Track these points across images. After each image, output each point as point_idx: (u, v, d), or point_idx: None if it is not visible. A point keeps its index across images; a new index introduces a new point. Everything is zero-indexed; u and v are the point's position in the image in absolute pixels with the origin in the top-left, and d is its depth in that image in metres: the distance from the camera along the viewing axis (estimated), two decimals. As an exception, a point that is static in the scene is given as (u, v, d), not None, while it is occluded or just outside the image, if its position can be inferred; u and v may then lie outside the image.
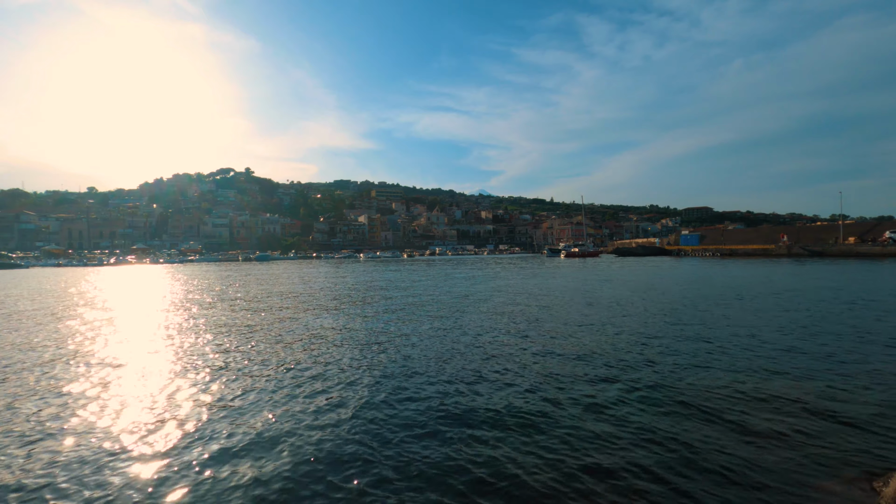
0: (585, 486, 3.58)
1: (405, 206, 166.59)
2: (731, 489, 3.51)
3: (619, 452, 4.11)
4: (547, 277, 26.79)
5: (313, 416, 5.10)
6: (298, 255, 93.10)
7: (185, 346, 8.88)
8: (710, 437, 4.40)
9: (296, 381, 6.43)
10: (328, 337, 9.58)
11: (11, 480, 3.81)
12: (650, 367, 6.80)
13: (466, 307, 13.86)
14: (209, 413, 5.23)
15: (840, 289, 16.91)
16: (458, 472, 3.83)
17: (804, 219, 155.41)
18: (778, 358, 7.20)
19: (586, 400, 5.43)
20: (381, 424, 4.83)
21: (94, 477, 3.84)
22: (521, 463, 3.96)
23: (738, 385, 5.89)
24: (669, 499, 3.40)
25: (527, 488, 3.58)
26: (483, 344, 8.57)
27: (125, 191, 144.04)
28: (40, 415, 5.28)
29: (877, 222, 56.57)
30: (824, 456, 4.00)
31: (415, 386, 6.11)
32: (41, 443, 4.52)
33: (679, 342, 8.41)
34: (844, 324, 9.97)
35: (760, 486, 3.55)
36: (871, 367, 6.62)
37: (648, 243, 78.40)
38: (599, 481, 3.65)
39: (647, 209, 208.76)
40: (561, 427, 4.67)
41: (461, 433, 4.57)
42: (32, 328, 11.22)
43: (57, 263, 63.68)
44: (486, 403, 5.37)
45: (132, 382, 6.48)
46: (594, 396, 5.54)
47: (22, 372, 7.14)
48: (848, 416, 4.84)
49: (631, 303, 14.09)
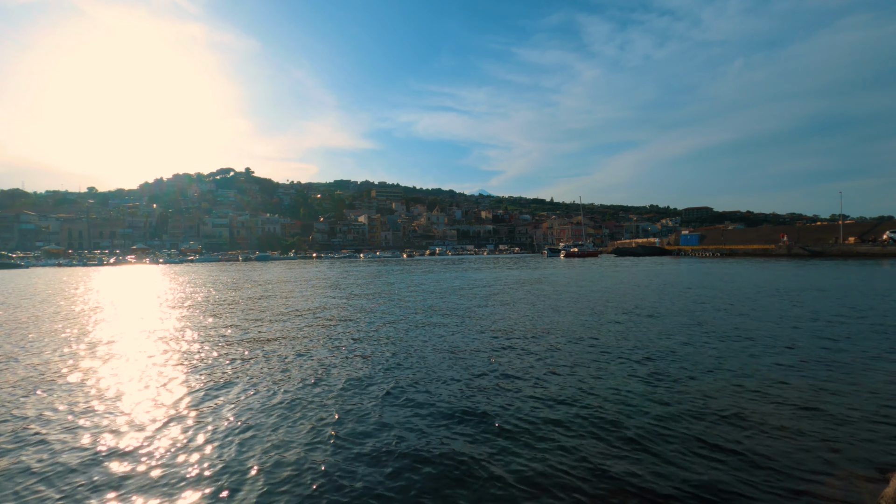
0: (574, 483, 3.59)
1: (405, 206, 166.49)
2: (731, 489, 3.52)
3: (614, 450, 4.11)
4: (548, 276, 26.78)
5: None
6: (298, 255, 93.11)
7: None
8: (709, 436, 4.40)
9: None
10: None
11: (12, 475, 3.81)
12: (649, 364, 6.79)
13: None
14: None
15: (840, 289, 16.90)
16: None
17: (804, 219, 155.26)
18: (777, 357, 7.19)
19: (587, 391, 5.43)
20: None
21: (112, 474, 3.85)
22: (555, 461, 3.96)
23: (736, 384, 5.88)
24: (669, 498, 3.41)
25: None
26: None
27: (125, 191, 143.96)
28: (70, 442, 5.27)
29: (877, 222, 56.54)
30: (824, 455, 4.00)
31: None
32: (55, 445, 4.52)
33: (675, 340, 8.41)
34: (844, 324, 9.96)
35: (760, 485, 3.55)
36: (871, 366, 6.62)
37: (648, 243, 78.35)
38: (596, 479, 3.65)
39: (647, 209, 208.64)
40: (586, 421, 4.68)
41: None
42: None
43: (57, 263, 63.66)
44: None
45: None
46: (595, 391, 5.54)
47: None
48: (848, 415, 4.84)
49: (632, 301, 14.09)
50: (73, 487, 3.69)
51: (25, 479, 3.81)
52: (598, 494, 3.48)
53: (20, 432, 4.77)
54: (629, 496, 3.45)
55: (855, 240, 50.30)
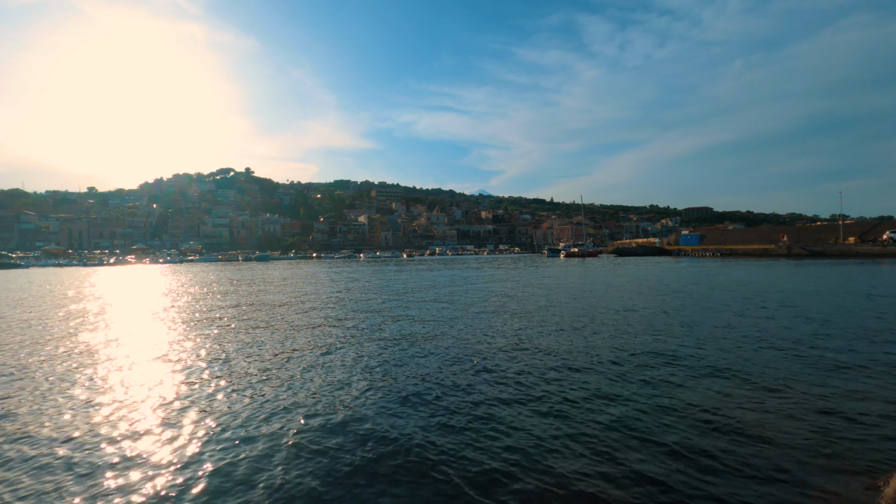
0: (581, 489, 3.58)
1: (405, 206, 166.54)
2: (731, 488, 3.51)
3: (615, 452, 4.10)
4: (549, 276, 26.78)
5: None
6: (298, 256, 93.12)
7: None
8: (708, 435, 4.39)
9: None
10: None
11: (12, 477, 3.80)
12: (649, 364, 6.79)
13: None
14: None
15: (840, 289, 16.90)
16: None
17: (804, 219, 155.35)
18: (777, 357, 7.18)
19: (590, 391, 5.42)
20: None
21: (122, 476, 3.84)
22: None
23: (736, 384, 5.87)
24: (668, 497, 3.40)
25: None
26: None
27: (125, 191, 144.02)
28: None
29: (877, 222, 56.55)
30: (824, 455, 3.99)
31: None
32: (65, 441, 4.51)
33: (672, 339, 8.40)
34: (844, 323, 9.95)
35: (760, 485, 3.54)
36: (871, 366, 6.61)
37: (648, 243, 78.35)
38: (595, 482, 3.65)
39: (647, 209, 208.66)
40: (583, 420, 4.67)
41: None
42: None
43: (56, 263, 63.66)
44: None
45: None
46: (600, 392, 5.53)
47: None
48: (848, 415, 4.83)
49: (631, 301, 14.08)
50: (72, 488, 3.69)
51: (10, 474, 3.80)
52: (585, 495, 3.48)
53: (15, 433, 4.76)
54: (623, 494, 3.45)
55: (855, 240, 50.32)
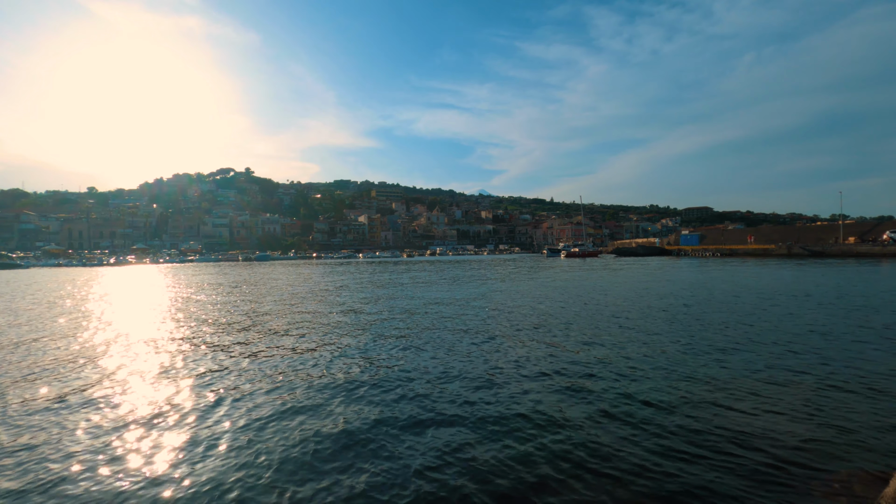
0: (578, 481, 3.57)
1: (405, 206, 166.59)
2: (731, 488, 3.50)
3: (614, 446, 4.10)
4: (550, 275, 26.77)
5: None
6: (298, 256, 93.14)
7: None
8: (708, 435, 4.38)
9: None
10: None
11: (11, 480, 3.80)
12: (648, 364, 6.78)
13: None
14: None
15: (841, 289, 16.89)
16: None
17: (804, 219, 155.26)
18: (776, 356, 7.17)
19: (582, 389, 5.41)
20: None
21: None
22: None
23: (735, 384, 5.86)
24: (667, 497, 3.40)
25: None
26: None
27: (125, 191, 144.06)
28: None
29: (877, 222, 56.50)
30: (824, 455, 3.98)
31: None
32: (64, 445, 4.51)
33: (669, 339, 8.39)
34: (843, 323, 9.94)
35: (760, 485, 3.54)
36: (871, 366, 6.61)
37: (648, 243, 78.32)
38: (599, 476, 3.64)
39: (648, 209, 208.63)
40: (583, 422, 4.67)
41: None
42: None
43: (57, 263, 63.67)
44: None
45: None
46: (592, 390, 5.52)
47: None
48: (848, 415, 4.82)
49: (631, 302, 14.07)
50: (76, 489, 3.69)
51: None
52: (578, 491, 3.48)
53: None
54: (625, 494, 3.45)
55: (855, 240, 50.30)
